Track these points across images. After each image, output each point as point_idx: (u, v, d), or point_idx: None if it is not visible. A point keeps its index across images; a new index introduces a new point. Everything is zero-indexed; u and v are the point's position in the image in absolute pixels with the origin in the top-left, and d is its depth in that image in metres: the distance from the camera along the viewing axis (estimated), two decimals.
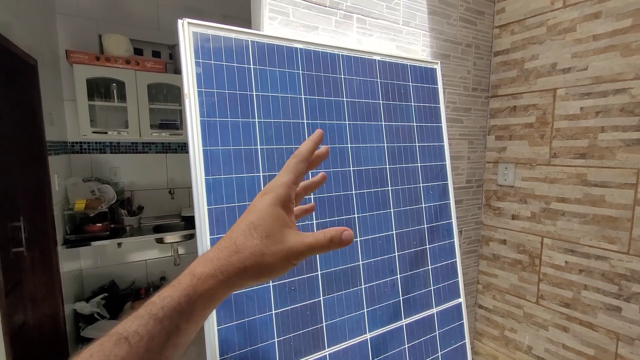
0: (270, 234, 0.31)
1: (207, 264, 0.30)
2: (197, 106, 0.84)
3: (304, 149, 0.36)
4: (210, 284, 0.29)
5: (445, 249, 1.27)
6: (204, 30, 0.87)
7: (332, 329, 0.99)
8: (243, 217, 0.32)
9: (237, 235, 0.31)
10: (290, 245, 0.31)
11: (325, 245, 0.31)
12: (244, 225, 0.31)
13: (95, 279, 2.62)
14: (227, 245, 0.30)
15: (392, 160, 1.17)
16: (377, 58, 1.15)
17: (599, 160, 1.28)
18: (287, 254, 0.30)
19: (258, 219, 0.31)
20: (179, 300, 0.28)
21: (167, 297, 0.28)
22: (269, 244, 0.30)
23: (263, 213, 0.31)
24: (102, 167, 2.62)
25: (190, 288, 0.28)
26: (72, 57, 2.23)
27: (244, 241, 0.30)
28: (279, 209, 0.32)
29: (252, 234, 0.30)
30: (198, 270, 0.29)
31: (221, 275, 0.29)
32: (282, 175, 0.34)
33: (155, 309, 0.27)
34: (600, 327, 1.31)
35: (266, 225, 0.31)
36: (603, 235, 1.28)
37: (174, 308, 0.27)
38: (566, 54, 1.33)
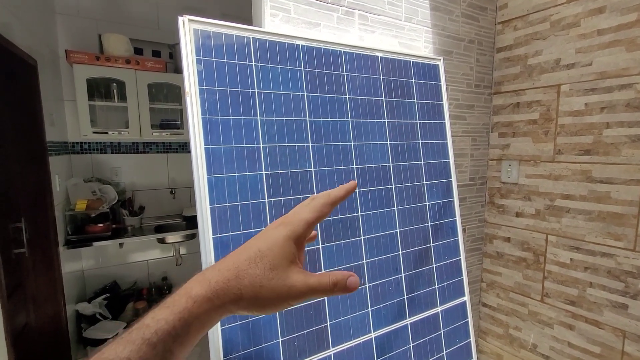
0: (275, 267, 0.29)
1: (204, 284, 0.28)
2: (199, 104, 0.83)
3: (335, 194, 0.34)
4: (205, 308, 0.28)
5: (449, 247, 1.26)
6: (205, 27, 0.86)
7: (336, 328, 0.98)
8: (253, 242, 0.31)
9: (242, 260, 0.29)
10: (292, 283, 0.29)
11: (329, 290, 0.30)
12: (252, 252, 0.30)
13: (97, 280, 2.62)
14: (229, 267, 0.29)
15: (395, 158, 1.16)
16: (379, 55, 1.14)
17: (604, 157, 1.26)
18: (287, 293, 0.29)
19: (267, 249, 0.30)
20: (173, 324, 0.27)
21: (161, 320, 0.27)
22: (270, 278, 0.29)
23: (274, 244, 0.30)
24: (102, 167, 2.61)
25: (185, 311, 0.27)
26: (71, 57, 2.22)
27: (247, 268, 0.29)
28: (291, 243, 0.31)
29: (257, 262, 0.29)
30: (194, 292, 0.28)
31: (217, 300, 0.28)
32: (306, 212, 0.32)
33: (149, 333, 0.26)
34: (607, 324, 1.30)
35: (274, 257, 0.30)
36: (609, 232, 1.27)
37: (168, 332, 0.26)
38: (570, 49, 1.31)
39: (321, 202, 0.33)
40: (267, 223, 0.91)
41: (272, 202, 0.92)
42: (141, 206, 2.72)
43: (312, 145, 0.99)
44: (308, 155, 0.98)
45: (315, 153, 1.00)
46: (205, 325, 0.29)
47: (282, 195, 0.93)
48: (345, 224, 1.03)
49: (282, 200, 0.93)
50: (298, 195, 0.96)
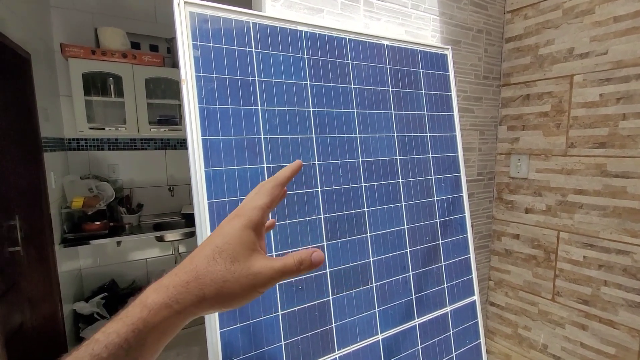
0: (236, 259, 0.28)
1: (161, 291, 0.27)
2: (196, 92, 0.78)
3: (282, 175, 0.34)
4: (163, 315, 0.26)
5: (458, 244, 1.21)
6: (202, 11, 0.80)
7: (342, 330, 0.93)
8: (208, 240, 0.30)
9: (200, 259, 0.28)
10: (257, 271, 0.28)
11: (295, 270, 0.29)
12: (209, 250, 0.29)
13: (94, 279, 2.58)
14: (187, 270, 0.28)
15: (403, 151, 1.11)
16: (385, 43, 1.09)
17: (620, 150, 1.21)
18: (253, 281, 0.28)
19: (224, 243, 0.29)
20: (126, 336, 0.25)
21: (112, 334, 0.25)
22: (233, 270, 0.28)
23: (230, 237, 0.29)
24: (99, 164, 2.56)
25: (139, 321, 0.25)
26: (67, 51, 2.16)
27: (206, 266, 0.28)
28: (250, 232, 0.30)
29: (215, 259, 0.28)
30: (150, 300, 0.26)
31: (176, 305, 0.26)
32: (256, 198, 0.32)
33: (99, 349, 0.24)
34: (622, 324, 1.25)
35: (232, 250, 0.29)
36: (625, 228, 1.22)
37: (120, 346, 0.24)
38: (584, 37, 1.26)
39: (270, 185, 0.33)
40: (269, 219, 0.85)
41: None
42: (139, 204, 2.67)
43: (315, 137, 0.94)
44: (312, 147, 0.93)
45: (319, 145, 0.94)
46: (167, 333, 0.27)
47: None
48: (351, 220, 0.98)
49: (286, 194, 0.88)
50: (301, 190, 0.90)
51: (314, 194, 0.92)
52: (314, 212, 0.92)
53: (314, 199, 0.92)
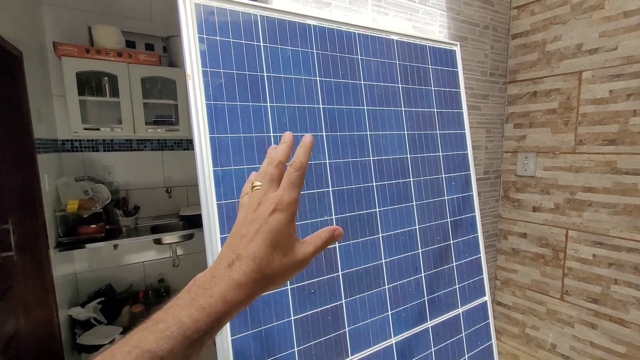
0: (287, 253, 0.33)
1: (238, 290, 0.31)
2: (203, 88, 0.74)
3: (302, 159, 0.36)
4: (239, 309, 0.32)
5: (469, 244, 1.18)
6: (208, 2, 0.77)
7: (355, 334, 0.90)
8: (260, 234, 0.33)
9: (260, 258, 0.32)
10: (300, 258, 0.34)
11: (322, 247, 0.35)
12: (264, 247, 0.32)
13: (90, 283, 2.51)
14: (252, 268, 0.32)
15: (413, 149, 1.08)
16: (394, 38, 1.06)
17: (630, 147, 1.20)
18: (298, 267, 0.34)
19: (276, 239, 0.33)
20: (212, 325, 0.30)
21: (199, 322, 0.29)
22: (285, 263, 0.33)
23: (281, 234, 0.33)
24: (94, 165, 2.50)
25: (223, 315, 0.30)
26: (60, 49, 2.10)
27: (266, 265, 0.32)
28: (292, 226, 0.34)
29: (272, 255, 0.33)
30: (229, 297, 0.31)
31: (249, 299, 0.32)
32: (291, 190, 0.34)
33: (189, 332, 0.29)
34: (633, 323, 1.24)
35: (283, 244, 0.33)
36: (635, 226, 1.20)
37: (205, 332, 0.29)
38: (593, 33, 1.24)
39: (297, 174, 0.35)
40: None
41: None
42: (136, 206, 2.62)
43: (326, 135, 0.91)
44: (322, 145, 0.90)
45: (329, 143, 0.91)
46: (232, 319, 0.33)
47: None
48: (363, 221, 0.95)
49: None
50: (312, 190, 0.87)
51: (325, 194, 0.89)
52: (325, 212, 0.88)
53: (325, 199, 0.89)
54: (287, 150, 0.37)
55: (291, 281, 0.82)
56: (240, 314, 0.75)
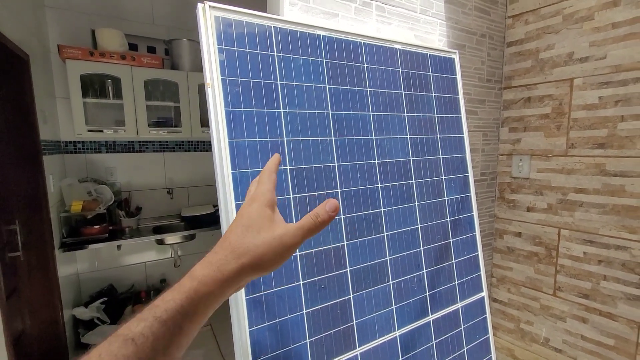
0: (262, 229, 0.33)
1: (206, 266, 0.31)
2: (222, 96, 0.79)
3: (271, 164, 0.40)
4: (210, 285, 0.31)
5: (467, 242, 1.24)
6: (227, 15, 0.82)
7: (362, 327, 0.95)
8: (235, 223, 0.35)
9: (232, 237, 0.33)
10: (282, 232, 0.34)
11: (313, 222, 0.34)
12: (238, 229, 0.34)
13: (92, 283, 2.53)
14: (224, 246, 0.33)
15: (415, 152, 1.14)
16: (397, 47, 1.12)
17: (618, 150, 1.27)
18: (281, 240, 0.33)
19: (249, 220, 0.34)
20: (181, 302, 0.29)
21: (169, 301, 0.29)
22: (261, 237, 0.33)
23: (253, 215, 0.34)
24: (97, 167, 2.52)
25: (191, 291, 0.30)
26: (64, 52, 2.13)
27: (239, 240, 0.33)
28: (267, 209, 0.35)
29: (244, 233, 0.33)
30: (198, 273, 0.31)
31: (220, 275, 0.31)
32: (263, 184, 0.38)
33: (159, 312, 0.28)
34: (621, 317, 1.31)
35: (257, 223, 0.34)
36: (623, 225, 1.28)
37: (177, 310, 0.29)
38: (583, 42, 1.32)
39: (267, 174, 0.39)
40: (292, 220, 0.87)
41: (296, 198, 0.88)
42: (138, 207, 2.64)
43: (335, 139, 0.96)
44: (331, 149, 0.95)
45: (338, 147, 0.96)
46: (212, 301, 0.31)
47: (307, 191, 0.90)
48: (369, 220, 1.00)
49: (307, 196, 0.90)
50: (322, 191, 0.92)
51: (334, 195, 0.94)
52: None
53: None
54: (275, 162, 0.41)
55: (303, 277, 0.87)
56: (256, 307, 0.80)
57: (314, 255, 0.90)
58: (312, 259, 0.89)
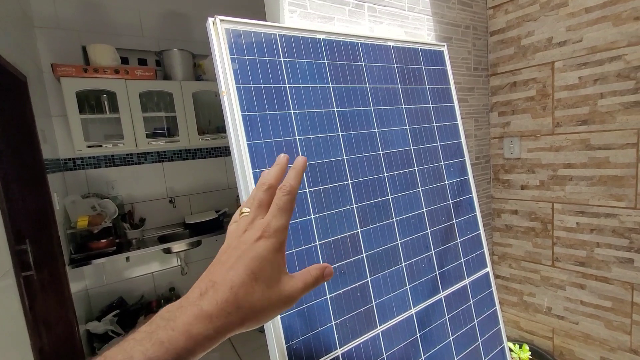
0: (271, 285, 0.30)
1: (206, 322, 0.27)
2: (238, 102, 0.85)
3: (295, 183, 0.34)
4: (206, 347, 0.27)
5: (469, 222, 1.32)
6: (236, 27, 0.87)
7: (381, 307, 1.02)
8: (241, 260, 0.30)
9: (237, 286, 0.28)
10: (288, 294, 0.31)
11: (313, 285, 0.32)
12: (245, 275, 0.29)
13: (102, 297, 2.56)
14: (227, 299, 0.28)
15: (415, 142, 1.21)
16: (391, 44, 1.19)
17: (600, 125, 1.37)
18: (286, 302, 0.30)
19: (259, 268, 0.30)
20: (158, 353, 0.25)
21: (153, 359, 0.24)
22: (269, 296, 0.29)
23: (264, 262, 0.30)
24: (97, 182, 2.55)
25: (184, 351, 0.25)
26: (58, 70, 2.15)
27: (245, 296, 0.28)
28: (280, 255, 0.31)
29: (253, 286, 0.29)
30: (195, 331, 0.26)
31: (219, 336, 0.27)
32: (280, 216, 0.32)
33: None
34: (615, 279, 1.41)
35: (267, 276, 0.30)
36: (610, 194, 1.38)
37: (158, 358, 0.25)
38: (561, 28, 1.41)
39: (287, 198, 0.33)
40: (310, 213, 0.94)
41: (312, 191, 0.95)
42: (141, 218, 2.67)
43: (342, 135, 1.03)
44: (339, 144, 1.02)
45: (345, 142, 1.03)
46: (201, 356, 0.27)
47: (321, 184, 0.96)
48: (379, 208, 1.07)
49: (321, 189, 0.96)
50: (335, 184, 0.99)
51: (346, 187, 1.01)
52: (347, 202, 1.00)
53: (345, 191, 1.01)
54: (278, 174, 0.35)
55: None
56: None
57: (332, 243, 0.96)
58: (330, 247, 0.96)
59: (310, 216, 0.93)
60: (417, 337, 1.09)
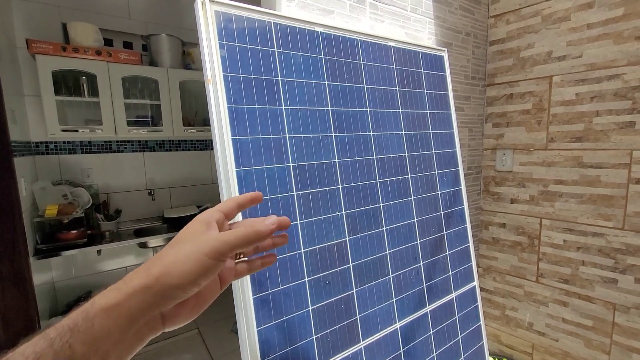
0: (182, 240, 0.30)
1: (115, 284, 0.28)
2: (224, 92, 0.78)
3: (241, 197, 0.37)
4: (109, 297, 0.26)
5: (460, 234, 1.29)
6: (227, 10, 0.80)
7: (365, 321, 0.97)
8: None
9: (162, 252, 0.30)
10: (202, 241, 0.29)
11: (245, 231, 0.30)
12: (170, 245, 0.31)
13: (69, 291, 2.41)
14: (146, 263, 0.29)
15: (410, 148, 1.16)
16: (392, 44, 1.13)
17: (594, 143, 1.35)
18: (199, 249, 0.28)
19: (179, 236, 0.31)
20: (75, 318, 0.25)
21: (66, 319, 0.25)
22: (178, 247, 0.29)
23: (185, 231, 0.31)
24: (71, 169, 2.40)
25: (88, 304, 0.26)
26: (34, 47, 2.00)
27: (156, 255, 0.29)
28: (202, 225, 0.32)
29: (168, 248, 0.30)
30: (103, 290, 0.27)
31: (124, 286, 0.27)
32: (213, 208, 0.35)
33: (50, 330, 0.25)
34: (598, 299, 1.40)
35: (186, 238, 0.30)
36: (599, 213, 1.37)
37: (68, 326, 0.25)
38: (561, 42, 1.39)
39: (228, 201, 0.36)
40: (296, 218, 0.87)
41: (300, 195, 0.88)
42: (117, 209, 2.54)
43: (335, 136, 0.96)
44: (332, 145, 0.95)
45: (338, 144, 0.97)
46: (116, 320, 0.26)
47: (310, 187, 0.90)
48: (369, 215, 1.01)
49: (310, 193, 0.90)
50: (324, 187, 0.93)
51: (336, 191, 0.95)
52: (336, 208, 0.94)
53: (335, 196, 0.95)
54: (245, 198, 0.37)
55: (308, 274, 0.87)
56: (264, 306, 0.79)
57: (318, 251, 0.90)
58: (316, 256, 0.89)
59: (297, 221, 0.87)
60: (400, 353, 1.04)
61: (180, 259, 0.28)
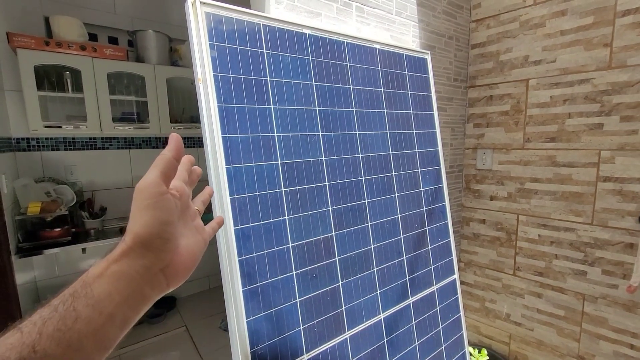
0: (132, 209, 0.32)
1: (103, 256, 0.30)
2: (214, 91, 0.80)
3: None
4: (101, 265, 0.29)
5: (441, 229, 1.35)
6: (217, 11, 0.82)
7: (350, 312, 1.01)
8: None
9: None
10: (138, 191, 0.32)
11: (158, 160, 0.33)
12: None
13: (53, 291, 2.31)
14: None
15: (394, 147, 1.21)
16: (377, 46, 1.17)
17: (566, 143, 1.43)
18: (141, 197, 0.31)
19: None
20: (74, 286, 0.28)
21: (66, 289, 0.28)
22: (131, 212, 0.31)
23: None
24: (54, 166, 2.35)
25: (84, 275, 0.29)
26: (15, 40, 1.96)
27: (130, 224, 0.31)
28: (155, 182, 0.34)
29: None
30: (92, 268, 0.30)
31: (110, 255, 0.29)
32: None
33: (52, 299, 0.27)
34: (569, 290, 1.49)
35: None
36: (571, 209, 1.45)
37: (69, 293, 0.27)
38: (537, 47, 1.46)
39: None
40: (284, 213, 0.90)
41: (288, 191, 0.91)
42: (102, 207, 2.50)
43: (322, 135, 1.00)
44: (319, 144, 0.99)
45: (325, 142, 1.00)
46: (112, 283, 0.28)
47: (297, 184, 0.93)
48: (355, 211, 1.06)
49: (298, 189, 0.93)
50: (312, 185, 0.96)
51: (323, 188, 0.99)
52: (323, 204, 0.98)
53: (322, 192, 0.98)
54: None
55: (296, 267, 0.91)
56: (253, 298, 0.82)
57: (305, 246, 0.94)
58: (303, 249, 0.93)
59: (285, 217, 0.90)
60: (384, 342, 1.09)
61: (136, 214, 0.31)
